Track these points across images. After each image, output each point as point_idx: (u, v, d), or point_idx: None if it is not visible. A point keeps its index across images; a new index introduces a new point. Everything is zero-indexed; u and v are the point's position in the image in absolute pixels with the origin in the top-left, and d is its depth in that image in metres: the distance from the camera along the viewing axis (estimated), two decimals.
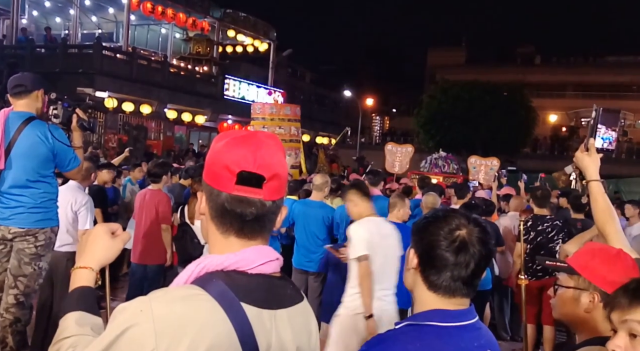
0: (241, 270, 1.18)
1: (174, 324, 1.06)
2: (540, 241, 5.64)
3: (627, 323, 1.23)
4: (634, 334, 1.21)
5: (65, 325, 1.25)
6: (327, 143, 28.23)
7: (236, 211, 1.18)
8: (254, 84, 25.60)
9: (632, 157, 33.81)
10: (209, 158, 1.23)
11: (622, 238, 2.12)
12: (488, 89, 29.66)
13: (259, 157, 1.18)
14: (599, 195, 2.13)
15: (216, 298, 1.11)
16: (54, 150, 3.70)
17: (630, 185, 17.43)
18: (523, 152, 32.17)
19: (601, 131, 2.17)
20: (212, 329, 1.09)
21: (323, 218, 5.50)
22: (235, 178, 1.17)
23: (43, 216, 3.77)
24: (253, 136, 1.24)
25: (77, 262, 1.38)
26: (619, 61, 44.24)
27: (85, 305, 1.30)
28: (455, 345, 1.38)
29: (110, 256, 1.40)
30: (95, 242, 1.39)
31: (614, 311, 1.27)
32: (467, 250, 1.42)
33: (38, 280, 3.89)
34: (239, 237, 1.21)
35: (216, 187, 1.20)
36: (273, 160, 1.20)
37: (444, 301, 1.44)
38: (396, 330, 1.44)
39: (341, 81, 41.82)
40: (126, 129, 19.43)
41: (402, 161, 13.86)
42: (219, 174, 1.19)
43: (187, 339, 1.06)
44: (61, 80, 16.11)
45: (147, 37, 25.71)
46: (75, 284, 1.34)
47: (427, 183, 8.36)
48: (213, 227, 1.23)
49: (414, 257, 1.47)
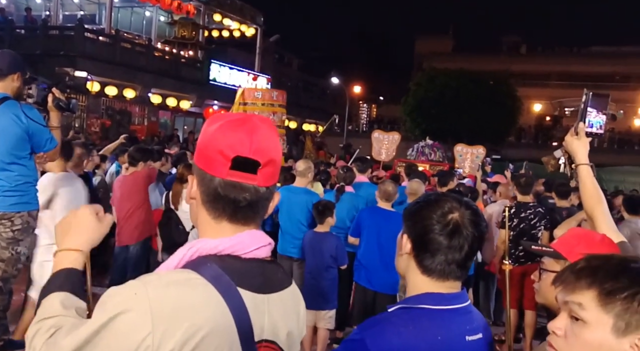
0: (235, 254, 1.16)
1: (170, 308, 1.04)
2: (523, 227, 5.69)
3: (568, 304, 1.14)
4: (575, 317, 1.12)
5: (49, 304, 1.19)
6: (314, 131, 28.18)
7: (230, 197, 1.16)
8: (240, 69, 25.37)
9: (613, 146, 34.19)
10: (201, 142, 1.19)
11: (610, 221, 2.12)
12: (474, 78, 29.77)
13: (254, 141, 1.15)
14: (588, 179, 2.14)
15: (211, 281, 1.09)
16: (28, 131, 3.60)
17: (611, 174, 17.66)
18: (508, 140, 32.42)
19: (591, 115, 2.17)
20: (209, 313, 1.07)
21: (307, 204, 5.47)
22: (230, 163, 1.14)
23: (19, 199, 3.68)
24: (248, 119, 1.20)
25: (62, 244, 1.32)
26: (603, 51, 44.68)
27: (72, 287, 1.24)
28: (448, 327, 1.39)
29: (96, 238, 1.36)
30: (82, 223, 1.34)
31: (559, 291, 1.18)
32: (461, 232, 1.41)
33: (17, 265, 3.82)
34: (232, 223, 1.19)
35: (209, 171, 1.16)
36: (269, 145, 1.18)
37: (437, 284, 1.44)
38: (389, 313, 1.45)
39: (329, 68, 41.69)
40: (109, 114, 19.23)
41: (389, 149, 13.84)
42: (212, 158, 1.15)
43: (185, 323, 1.04)
44: (42, 62, 15.85)
45: (130, 19, 25.29)
46: (60, 265, 1.28)
47: (414, 171, 8.37)
48: (204, 211, 1.20)
49: (407, 241, 1.46)
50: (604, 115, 2.20)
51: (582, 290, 1.12)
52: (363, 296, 5.11)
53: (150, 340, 1.01)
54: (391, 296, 5.10)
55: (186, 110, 23.36)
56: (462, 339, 1.41)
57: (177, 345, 1.02)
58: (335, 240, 5.06)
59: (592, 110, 2.18)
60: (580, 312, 1.11)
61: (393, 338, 1.35)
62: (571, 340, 1.12)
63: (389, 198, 5.14)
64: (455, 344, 1.39)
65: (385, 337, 1.36)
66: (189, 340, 1.03)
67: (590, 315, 1.09)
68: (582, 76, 43.03)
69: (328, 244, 4.98)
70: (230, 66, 25.00)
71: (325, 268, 4.98)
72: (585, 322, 1.10)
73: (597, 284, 1.10)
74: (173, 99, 21.99)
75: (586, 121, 2.18)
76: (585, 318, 1.10)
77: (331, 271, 5.02)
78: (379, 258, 5.00)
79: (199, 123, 25.26)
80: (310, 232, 5.15)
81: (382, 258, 4.99)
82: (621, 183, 15.80)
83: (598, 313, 1.08)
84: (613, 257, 1.18)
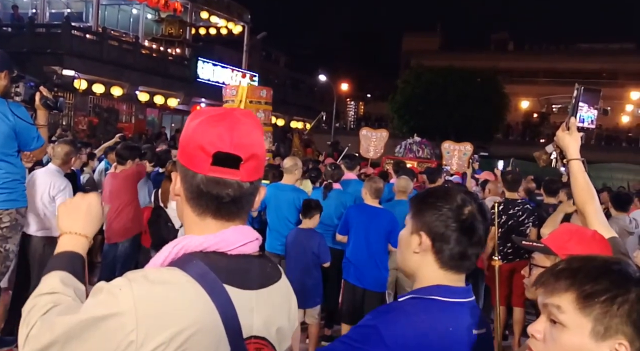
0: (221, 251, 1.15)
1: (156, 307, 1.03)
2: (511, 224, 5.72)
3: (547, 307, 1.09)
4: (554, 320, 1.08)
5: (49, 281, 1.19)
6: (302, 128, 28.15)
7: (212, 193, 1.14)
8: (227, 67, 25.28)
9: (601, 143, 34.49)
10: (183, 138, 1.18)
11: (602, 217, 2.11)
12: (462, 75, 29.88)
13: (235, 136, 1.13)
14: (579, 174, 2.12)
15: (197, 279, 1.08)
16: (15, 128, 3.58)
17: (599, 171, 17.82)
18: (495, 137, 32.58)
19: (583, 109, 2.15)
20: (196, 311, 1.06)
21: (294, 202, 5.47)
22: (211, 159, 1.12)
23: (7, 197, 3.66)
24: (229, 114, 1.18)
25: (70, 226, 1.31)
26: (590, 48, 45.01)
27: (74, 268, 1.24)
28: (456, 319, 1.42)
29: (98, 228, 1.36)
30: (92, 209, 1.34)
31: (540, 293, 1.13)
32: (476, 226, 1.44)
33: (5, 263, 3.80)
34: (216, 219, 1.18)
35: (191, 168, 1.15)
36: (250, 139, 1.16)
37: (447, 277, 1.46)
38: (401, 302, 1.46)
39: (316, 65, 41.67)
40: (97, 111, 19.10)
41: (377, 146, 13.89)
42: (193, 155, 1.14)
43: (171, 322, 1.03)
44: (29, 60, 15.71)
45: (117, 17, 25.13)
46: (66, 247, 1.28)
47: (402, 168, 8.39)
48: (189, 208, 1.19)
49: (425, 238, 1.45)
50: (595, 110, 2.17)
51: (561, 292, 1.07)
52: (352, 294, 5.12)
53: (134, 335, 1.01)
54: (380, 293, 5.12)
55: (174, 108, 23.26)
56: (469, 332, 1.43)
57: (163, 343, 1.02)
58: (318, 238, 5.06)
59: (583, 105, 2.16)
60: (558, 315, 1.07)
61: (406, 326, 1.37)
62: (550, 344, 1.09)
63: (376, 195, 5.15)
64: (464, 336, 1.42)
65: (398, 325, 1.37)
66: (175, 338, 1.02)
67: (569, 319, 1.06)
68: (570, 73, 43.32)
69: (311, 242, 4.99)
70: (217, 63, 24.89)
71: (309, 266, 4.98)
72: (563, 326, 1.06)
73: (576, 286, 1.06)
74: (160, 97, 21.89)
75: (577, 116, 2.16)
76: (563, 322, 1.06)
77: (315, 268, 5.03)
78: (367, 255, 5.01)
79: (186, 121, 25.14)
80: (295, 230, 5.15)
81: (370, 255, 5.01)
82: (609, 180, 15.95)
83: (576, 316, 1.05)
84: (595, 258, 1.14)
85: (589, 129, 2.18)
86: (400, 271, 1.62)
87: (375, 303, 5.05)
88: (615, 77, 43.35)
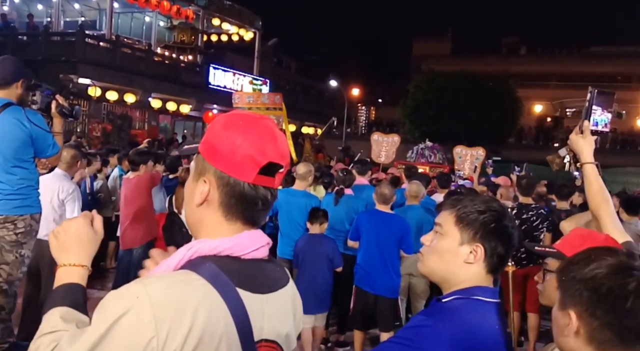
0: (235, 255, 1.16)
1: (172, 309, 1.03)
2: (524, 229, 5.67)
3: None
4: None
5: (50, 319, 1.18)
6: (313, 133, 28.17)
7: (254, 200, 1.19)
8: (239, 73, 25.39)
9: (616, 147, 34.14)
10: (221, 145, 1.18)
11: (615, 221, 2.10)
12: (473, 80, 29.72)
13: (279, 146, 1.20)
14: (594, 178, 2.12)
15: (211, 281, 1.09)
16: (31, 135, 3.63)
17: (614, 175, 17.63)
18: (508, 142, 32.37)
19: (596, 113, 2.15)
20: (210, 313, 1.07)
21: (306, 207, 5.48)
22: (259, 169, 1.17)
23: (22, 202, 3.71)
24: (263, 123, 1.22)
25: (64, 258, 1.29)
26: (603, 52, 44.55)
27: (73, 301, 1.23)
28: (496, 318, 1.49)
29: (95, 249, 1.35)
30: (82, 237, 1.32)
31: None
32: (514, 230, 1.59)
33: (21, 268, 3.84)
34: (246, 223, 1.22)
35: (235, 175, 1.17)
36: (287, 149, 1.24)
37: (487, 279, 1.55)
38: (450, 302, 1.51)
39: (327, 71, 41.70)
40: (110, 118, 19.26)
41: (389, 151, 13.85)
42: (240, 163, 1.17)
43: (186, 324, 1.04)
44: (43, 68, 15.85)
45: (130, 25, 25.34)
46: (63, 280, 1.27)
47: (414, 173, 8.38)
48: (219, 213, 1.20)
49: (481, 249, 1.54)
50: (609, 113, 2.17)
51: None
52: (364, 300, 5.09)
53: (155, 342, 1.02)
54: (392, 299, 5.09)
55: (186, 114, 23.38)
56: (505, 330, 1.50)
57: (179, 345, 1.03)
58: (331, 243, 5.06)
59: (597, 108, 2.16)
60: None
61: (460, 325, 1.42)
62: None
63: (385, 201, 5.14)
64: (504, 334, 1.49)
65: (452, 323, 1.42)
66: (189, 340, 1.03)
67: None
68: (583, 77, 42.96)
69: (325, 246, 4.98)
70: (229, 70, 25.00)
71: (322, 271, 4.98)
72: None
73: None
74: (173, 103, 22.02)
75: (591, 119, 2.16)
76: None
77: (329, 274, 5.03)
78: (378, 261, 4.99)
79: (198, 127, 25.29)
80: (305, 235, 5.15)
81: (381, 261, 4.99)
82: (624, 185, 15.77)
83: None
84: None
85: (603, 132, 2.19)
86: (432, 279, 1.64)
87: (388, 310, 5.04)
88: (630, 81, 42.92)
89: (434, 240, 1.58)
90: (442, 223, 1.57)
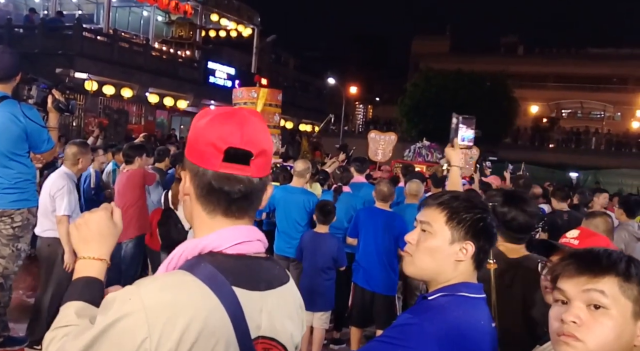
0: (217, 250, 1.15)
1: (165, 312, 1.04)
2: None
3: (590, 292, 1.17)
4: (597, 305, 1.17)
5: (65, 313, 1.20)
6: (311, 131, 28.16)
7: (224, 189, 1.16)
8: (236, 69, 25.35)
9: (611, 148, 34.24)
10: (192, 136, 1.20)
11: None
12: (471, 79, 29.75)
13: (245, 133, 1.15)
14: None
15: (206, 282, 1.09)
16: (26, 130, 3.62)
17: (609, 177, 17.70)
18: (504, 142, 32.41)
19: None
20: (204, 314, 1.06)
21: (304, 204, 5.48)
22: (223, 155, 1.14)
23: (19, 197, 3.70)
24: (237, 112, 1.21)
25: (84, 251, 1.30)
26: (600, 53, 44.68)
27: (90, 296, 1.24)
28: (483, 314, 1.53)
29: (114, 242, 1.35)
30: (102, 229, 1.32)
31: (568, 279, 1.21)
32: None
33: (17, 262, 3.84)
34: (227, 216, 1.19)
35: (201, 165, 1.16)
36: (260, 135, 1.18)
37: (473, 275, 1.59)
38: (436, 299, 1.53)
39: (325, 68, 41.75)
40: (107, 113, 19.16)
41: (385, 149, 13.84)
42: (204, 151, 1.15)
43: (180, 325, 1.03)
44: (40, 61, 15.80)
45: (128, 19, 25.27)
46: (82, 273, 1.28)
47: (411, 171, 8.38)
48: (199, 207, 1.20)
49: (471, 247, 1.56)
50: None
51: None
52: (361, 297, 5.11)
53: (147, 344, 1.02)
54: (389, 297, 5.11)
55: (183, 110, 23.32)
56: (490, 325, 1.53)
57: (173, 346, 1.03)
58: (336, 241, 5.06)
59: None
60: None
61: (446, 322, 1.44)
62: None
63: (384, 199, 5.15)
64: (489, 329, 1.51)
65: (439, 321, 1.44)
66: (184, 340, 1.03)
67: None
68: (580, 78, 43.11)
69: (329, 245, 4.99)
70: (227, 66, 24.95)
71: (324, 269, 4.98)
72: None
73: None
74: (170, 99, 21.97)
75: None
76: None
77: (330, 272, 5.03)
78: (376, 258, 5.01)
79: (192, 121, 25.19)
80: (310, 232, 5.15)
81: (379, 258, 5.00)
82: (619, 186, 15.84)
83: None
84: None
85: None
86: (420, 278, 1.66)
87: (385, 307, 5.05)
88: (626, 83, 43.07)
89: (422, 239, 1.59)
90: (431, 221, 1.58)
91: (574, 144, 35.43)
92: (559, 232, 5.65)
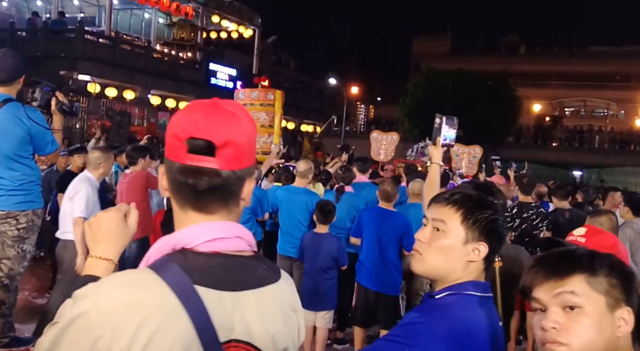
0: (188, 247, 1.11)
1: (117, 311, 1.01)
2: (525, 228, 5.68)
3: (561, 295, 1.19)
4: (571, 306, 1.19)
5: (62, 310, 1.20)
6: (312, 131, 28.17)
7: (189, 182, 1.10)
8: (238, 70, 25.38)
9: (614, 146, 34.17)
10: (167, 130, 1.16)
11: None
12: (473, 78, 29.74)
13: (210, 122, 1.09)
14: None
15: (167, 281, 1.05)
16: (30, 132, 3.64)
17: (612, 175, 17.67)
18: (507, 141, 32.38)
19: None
20: (161, 313, 1.02)
21: (307, 204, 5.48)
22: (186, 147, 1.09)
23: (23, 198, 3.72)
24: (212, 104, 1.14)
25: (93, 250, 1.31)
26: (603, 51, 44.51)
27: None
28: (490, 312, 1.51)
29: (125, 243, 1.34)
30: (111, 230, 1.31)
31: (539, 287, 1.23)
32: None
33: (22, 263, 3.86)
34: (197, 211, 1.14)
35: (170, 157, 1.13)
36: (227, 125, 1.10)
37: (482, 275, 1.57)
38: (442, 299, 1.52)
39: (326, 69, 41.70)
40: (109, 115, 19.20)
41: (388, 149, 13.85)
42: (170, 144, 1.12)
43: (132, 325, 1.01)
44: (43, 64, 15.84)
45: (130, 21, 25.34)
46: (88, 272, 1.28)
47: (413, 171, 8.37)
48: (174, 202, 1.17)
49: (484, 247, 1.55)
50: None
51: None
52: (365, 297, 5.10)
53: (101, 343, 1.00)
54: (393, 296, 5.10)
55: None
56: (497, 324, 1.52)
57: (125, 345, 1.00)
58: (336, 241, 5.06)
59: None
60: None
61: (454, 320, 1.43)
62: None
63: (387, 198, 5.15)
64: (496, 328, 1.51)
65: (447, 319, 1.43)
66: (136, 341, 1.01)
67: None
68: (582, 76, 43.01)
69: (329, 245, 4.99)
70: (228, 67, 24.99)
71: (325, 269, 4.98)
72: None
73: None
74: (172, 100, 22.03)
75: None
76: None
77: (331, 272, 5.03)
78: (380, 258, 5.00)
79: None
80: (311, 233, 5.15)
81: (383, 258, 5.00)
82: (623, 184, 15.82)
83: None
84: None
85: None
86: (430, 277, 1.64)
87: (388, 307, 5.05)
88: (629, 80, 42.92)
89: (435, 237, 1.55)
90: (445, 220, 1.54)
91: (577, 143, 35.36)
92: (561, 230, 5.66)
